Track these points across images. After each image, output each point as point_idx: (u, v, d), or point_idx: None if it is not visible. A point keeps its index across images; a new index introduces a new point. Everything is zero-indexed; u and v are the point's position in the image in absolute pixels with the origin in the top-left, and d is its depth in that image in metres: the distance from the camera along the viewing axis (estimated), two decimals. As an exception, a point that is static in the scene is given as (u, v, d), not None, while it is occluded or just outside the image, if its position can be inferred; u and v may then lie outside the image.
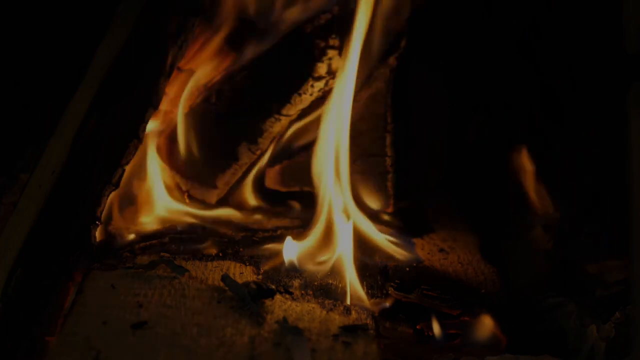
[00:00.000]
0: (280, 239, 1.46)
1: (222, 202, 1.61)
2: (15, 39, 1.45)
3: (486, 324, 1.29)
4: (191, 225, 1.52)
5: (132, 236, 1.46)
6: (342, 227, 1.42)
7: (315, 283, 1.33)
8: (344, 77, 1.46)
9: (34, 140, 1.36)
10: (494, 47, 1.61)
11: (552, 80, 1.57)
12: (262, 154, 1.58)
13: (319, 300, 1.25)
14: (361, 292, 1.33)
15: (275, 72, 1.54)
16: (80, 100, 1.37)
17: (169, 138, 1.60)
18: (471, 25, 1.62)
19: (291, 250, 1.39)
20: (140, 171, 1.56)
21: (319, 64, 1.49)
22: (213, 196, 1.59)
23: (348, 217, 1.45)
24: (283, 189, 1.64)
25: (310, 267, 1.37)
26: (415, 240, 1.56)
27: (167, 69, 1.40)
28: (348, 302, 1.30)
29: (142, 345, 1.09)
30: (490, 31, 1.61)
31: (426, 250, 1.54)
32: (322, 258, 1.39)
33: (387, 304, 1.34)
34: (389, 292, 1.35)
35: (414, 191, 1.65)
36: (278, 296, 1.24)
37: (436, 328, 1.29)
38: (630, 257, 0.96)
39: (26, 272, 1.25)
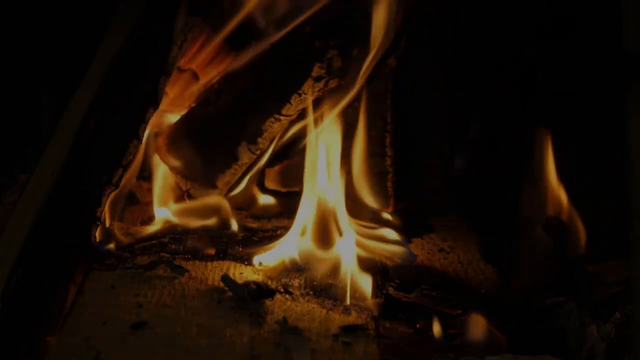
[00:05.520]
0: (280, 239, 1.46)
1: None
2: (15, 38, 1.45)
3: (478, 321, 1.29)
4: (191, 225, 1.52)
5: (132, 236, 1.46)
6: (343, 225, 1.42)
7: (315, 283, 1.33)
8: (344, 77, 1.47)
9: (34, 140, 1.36)
10: (493, 46, 1.61)
11: (551, 80, 1.57)
12: (262, 154, 1.58)
13: (319, 300, 1.26)
14: (364, 290, 1.33)
15: (275, 72, 1.54)
16: (80, 100, 1.37)
17: (169, 138, 1.60)
18: (470, 24, 1.62)
19: (292, 249, 1.39)
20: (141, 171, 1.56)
21: (319, 64, 1.49)
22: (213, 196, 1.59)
23: (349, 216, 1.46)
24: (283, 189, 1.64)
25: (312, 265, 1.37)
26: (415, 240, 1.56)
27: (167, 69, 1.40)
28: (348, 302, 1.30)
29: (142, 345, 1.09)
30: (490, 30, 1.61)
31: (426, 250, 1.54)
32: (323, 257, 1.39)
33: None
34: (389, 292, 1.35)
35: (414, 191, 1.65)
36: (278, 296, 1.24)
37: (436, 328, 1.28)
38: (630, 257, 0.96)
39: (26, 272, 1.25)
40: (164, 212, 1.53)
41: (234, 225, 1.52)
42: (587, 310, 1.31)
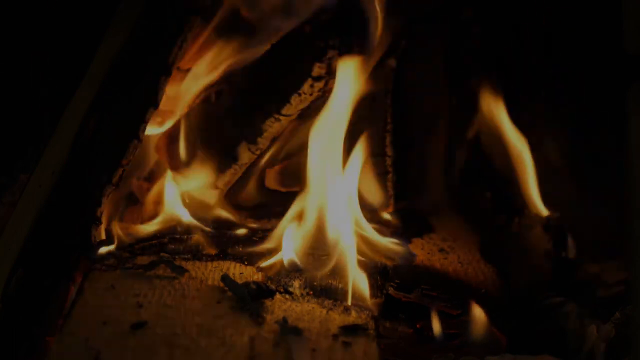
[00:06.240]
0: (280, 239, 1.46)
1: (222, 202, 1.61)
2: (15, 38, 1.45)
3: (480, 317, 1.29)
4: (191, 226, 1.52)
5: (132, 236, 1.45)
6: (343, 226, 1.42)
7: (315, 283, 1.33)
8: (345, 78, 1.47)
9: (34, 140, 1.36)
10: (494, 47, 1.61)
11: (551, 80, 1.57)
12: (262, 154, 1.58)
13: (319, 300, 1.25)
14: (364, 290, 1.33)
15: (275, 72, 1.54)
16: (80, 100, 1.37)
17: (169, 138, 1.60)
18: (471, 24, 1.62)
19: (291, 249, 1.39)
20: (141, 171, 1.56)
21: (319, 64, 1.49)
22: (213, 196, 1.59)
23: (349, 216, 1.45)
24: (283, 189, 1.64)
25: (311, 265, 1.37)
26: (415, 240, 1.56)
27: (167, 69, 1.40)
28: (349, 302, 1.30)
29: (142, 345, 1.09)
30: (490, 31, 1.61)
31: (426, 250, 1.54)
32: (323, 257, 1.39)
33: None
34: (389, 292, 1.35)
35: (414, 191, 1.65)
36: (278, 296, 1.24)
37: (436, 326, 1.28)
38: (630, 257, 0.96)
39: (26, 272, 1.25)
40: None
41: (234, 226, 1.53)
42: (587, 310, 1.31)
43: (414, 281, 1.38)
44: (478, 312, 1.30)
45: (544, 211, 1.53)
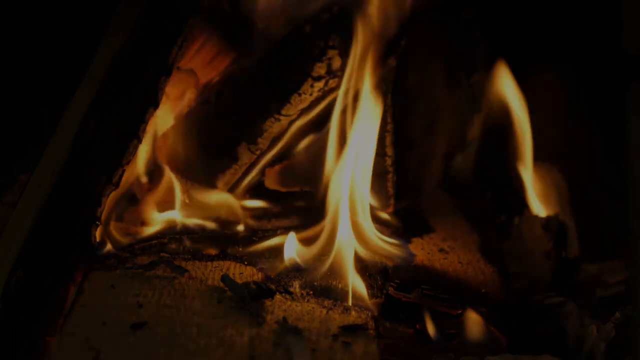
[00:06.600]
0: (280, 239, 1.46)
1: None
2: (16, 38, 1.45)
3: (477, 321, 1.29)
4: (191, 226, 1.52)
5: (132, 236, 1.45)
6: (343, 225, 1.42)
7: (315, 283, 1.33)
8: (345, 77, 1.47)
9: (34, 140, 1.37)
10: (492, 47, 1.61)
11: (551, 79, 1.57)
12: (262, 154, 1.58)
13: (319, 300, 1.25)
14: (363, 291, 1.33)
15: (275, 72, 1.54)
16: (80, 100, 1.37)
17: (169, 138, 1.60)
18: (470, 23, 1.62)
19: (292, 248, 1.39)
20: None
21: (319, 64, 1.49)
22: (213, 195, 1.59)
23: (349, 215, 1.46)
24: (283, 189, 1.64)
25: (311, 265, 1.37)
26: (415, 240, 1.56)
27: (167, 69, 1.40)
28: (349, 302, 1.30)
29: (142, 345, 1.09)
30: (489, 31, 1.61)
31: (426, 250, 1.54)
32: (323, 257, 1.39)
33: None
34: (389, 292, 1.35)
35: (414, 191, 1.65)
36: (278, 296, 1.24)
37: (430, 327, 1.29)
38: (630, 257, 0.96)
39: (26, 272, 1.25)
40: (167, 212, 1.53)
41: (240, 226, 1.52)
42: (587, 310, 1.32)
43: (414, 281, 1.38)
44: (473, 316, 1.30)
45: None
